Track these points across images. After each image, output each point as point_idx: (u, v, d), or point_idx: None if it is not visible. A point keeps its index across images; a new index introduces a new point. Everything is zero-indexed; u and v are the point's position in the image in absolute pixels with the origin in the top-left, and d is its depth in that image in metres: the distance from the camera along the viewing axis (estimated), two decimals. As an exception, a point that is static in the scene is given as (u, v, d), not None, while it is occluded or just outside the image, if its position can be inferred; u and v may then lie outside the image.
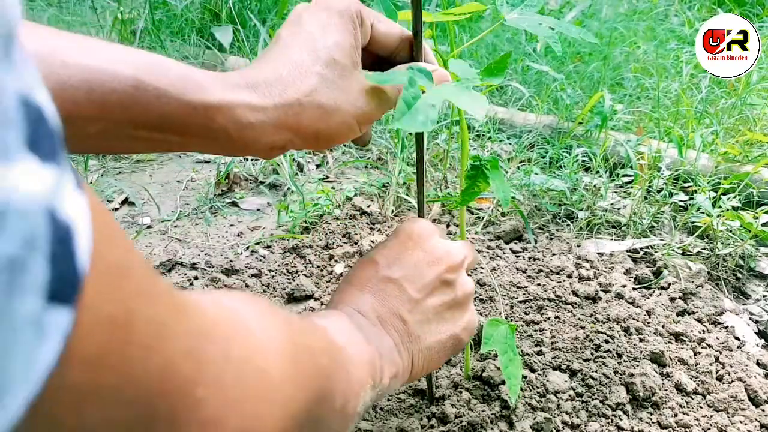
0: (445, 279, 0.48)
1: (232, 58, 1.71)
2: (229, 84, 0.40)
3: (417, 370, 0.47)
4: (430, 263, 0.48)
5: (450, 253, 0.49)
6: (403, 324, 0.46)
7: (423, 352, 0.47)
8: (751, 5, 2.05)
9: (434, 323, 0.48)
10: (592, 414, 0.65)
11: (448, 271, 0.49)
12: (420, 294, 0.47)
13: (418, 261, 0.48)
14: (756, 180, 1.07)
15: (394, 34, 0.46)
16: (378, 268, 0.48)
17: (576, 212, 1.05)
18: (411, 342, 0.46)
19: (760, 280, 0.94)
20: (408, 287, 0.47)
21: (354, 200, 1.09)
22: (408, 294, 0.47)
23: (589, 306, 0.82)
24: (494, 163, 0.52)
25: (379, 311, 0.46)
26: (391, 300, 0.46)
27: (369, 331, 0.44)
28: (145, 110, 0.37)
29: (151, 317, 0.18)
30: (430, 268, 0.48)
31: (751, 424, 0.66)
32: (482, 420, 0.63)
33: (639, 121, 1.36)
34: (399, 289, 0.47)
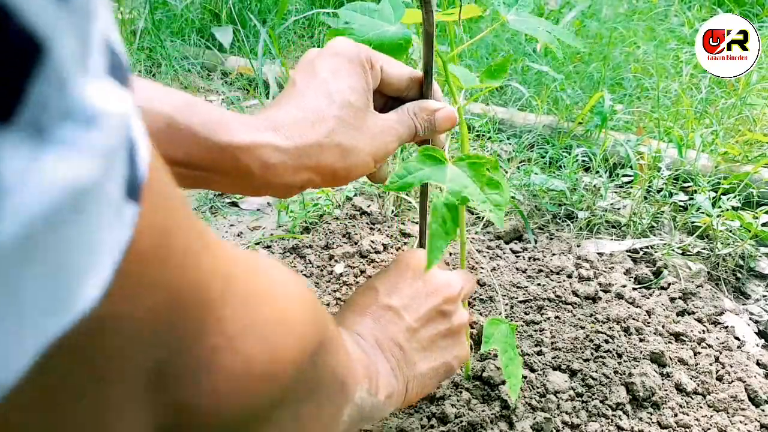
0: (441, 310, 0.51)
1: (232, 58, 1.71)
2: (253, 126, 0.43)
3: (411, 396, 0.49)
4: (428, 294, 0.50)
5: (448, 285, 0.52)
6: (400, 350, 0.48)
7: (418, 378, 0.49)
8: (751, 5, 2.05)
9: (429, 351, 0.50)
10: (592, 414, 0.65)
11: (446, 303, 0.51)
12: (418, 323, 0.49)
13: (417, 291, 0.50)
14: (756, 180, 1.07)
15: (404, 76, 0.49)
16: (378, 295, 0.50)
17: (576, 212, 1.05)
18: (407, 368, 0.48)
19: (760, 280, 0.94)
20: (406, 316, 0.49)
21: (354, 200, 1.09)
22: (406, 322, 0.49)
23: (589, 306, 0.83)
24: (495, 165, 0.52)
25: (378, 336, 0.47)
26: (390, 327, 0.48)
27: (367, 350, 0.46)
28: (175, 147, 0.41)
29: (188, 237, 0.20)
30: (428, 299, 0.50)
31: (751, 424, 0.66)
32: (482, 420, 0.63)
33: (639, 121, 1.36)
34: (398, 318, 0.49)
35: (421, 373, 0.49)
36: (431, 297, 0.51)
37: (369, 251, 0.92)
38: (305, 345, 0.29)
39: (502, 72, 0.53)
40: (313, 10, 1.84)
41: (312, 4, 1.99)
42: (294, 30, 1.86)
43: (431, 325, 0.50)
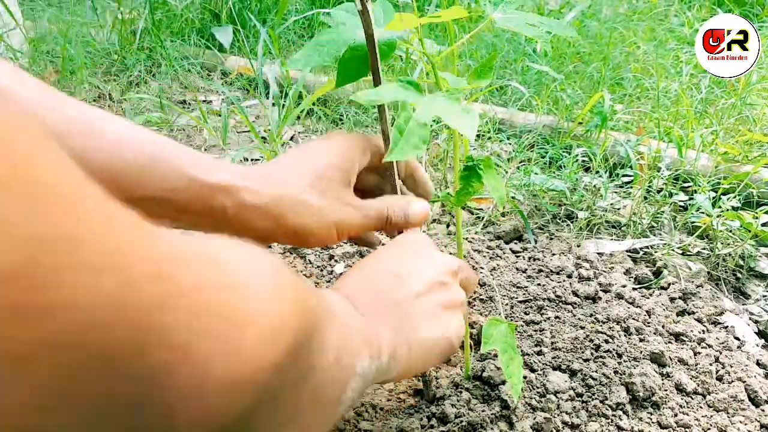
0: (443, 280, 0.51)
1: (231, 58, 1.71)
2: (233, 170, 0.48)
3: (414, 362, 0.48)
4: (430, 265, 0.51)
5: (447, 260, 0.53)
6: (404, 314, 0.48)
7: (420, 344, 0.48)
8: (751, 5, 2.05)
9: (432, 319, 0.50)
10: (592, 414, 0.65)
11: (446, 274, 0.52)
12: (422, 288, 0.49)
13: (420, 262, 0.51)
14: (756, 180, 1.07)
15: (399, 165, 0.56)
16: (381, 262, 0.51)
17: (576, 212, 1.05)
18: (410, 331, 0.48)
19: (760, 280, 0.94)
20: (411, 282, 0.49)
21: (354, 200, 1.09)
22: (411, 287, 0.49)
23: (589, 306, 0.83)
24: (488, 163, 0.52)
25: (384, 298, 0.47)
26: (395, 291, 0.48)
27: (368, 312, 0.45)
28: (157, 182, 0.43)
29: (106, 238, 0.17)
30: (430, 269, 0.51)
31: (751, 424, 0.66)
32: (482, 420, 0.63)
33: (639, 121, 1.36)
34: (402, 283, 0.49)
35: (423, 339, 0.48)
36: (433, 267, 0.51)
37: (368, 251, 0.92)
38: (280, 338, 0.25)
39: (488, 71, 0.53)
40: (313, 10, 1.84)
41: (312, 4, 1.99)
42: (294, 30, 1.86)
43: (433, 294, 0.50)
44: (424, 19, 0.48)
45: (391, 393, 0.68)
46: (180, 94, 1.59)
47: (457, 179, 0.55)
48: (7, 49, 1.46)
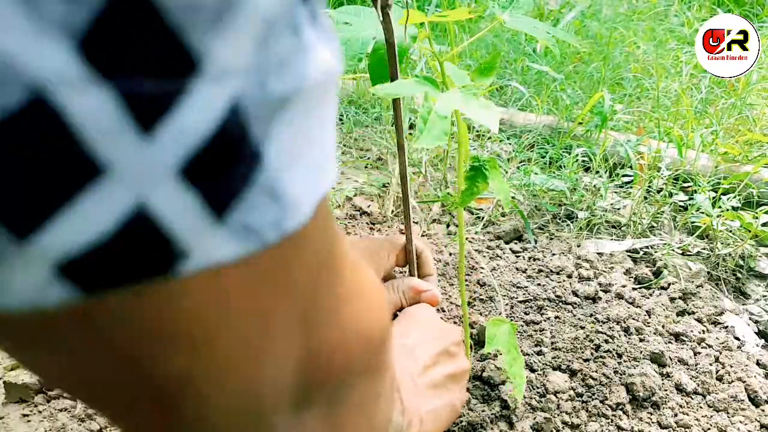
0: (449, 350, 0.54)
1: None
2: None
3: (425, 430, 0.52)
4: (436, 337, 0.54)
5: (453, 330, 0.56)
6: (414, 385, 0.50)
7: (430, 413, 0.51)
8: (751, 5, 2.05)
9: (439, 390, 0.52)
10: (592, 414, 0.65)
11: (452, 345, 0.54)
12: (430, 360, 0.52)
13: (427, 334, 0.54)
14: (756, 180, 1.07)
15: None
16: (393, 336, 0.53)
17: (576, 212, 1.05)
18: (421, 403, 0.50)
19: (759, 280, 0.94)
20: (420, 354, 0.52)
21: (354, 200, 1.09)
22: (419, 359, 0.52)
23: (589, 306, 0.82)
24: (493, 163, 0.52)
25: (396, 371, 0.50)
26: (405, 363, 0.51)
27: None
28: None
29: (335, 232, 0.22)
30: (437, 341, 0.54)
31: (751, 424, 0.66)
32: (482, 420, 0.63)
33: (639, 121, 1.36)
34: (412, 355, 0.52)
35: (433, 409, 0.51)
36: (440, 339, 0.54)
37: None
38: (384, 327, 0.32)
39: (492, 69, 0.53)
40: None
41: (312, 4, 1.99)
42: (294, 30, 1.85)
43: (440, 365, 0.53)
44: (433, 17, 0.48)
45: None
46: (180, 94, 1.59)
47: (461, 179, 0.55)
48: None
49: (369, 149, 1.31)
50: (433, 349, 0.53)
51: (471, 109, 0.44)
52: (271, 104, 0.14)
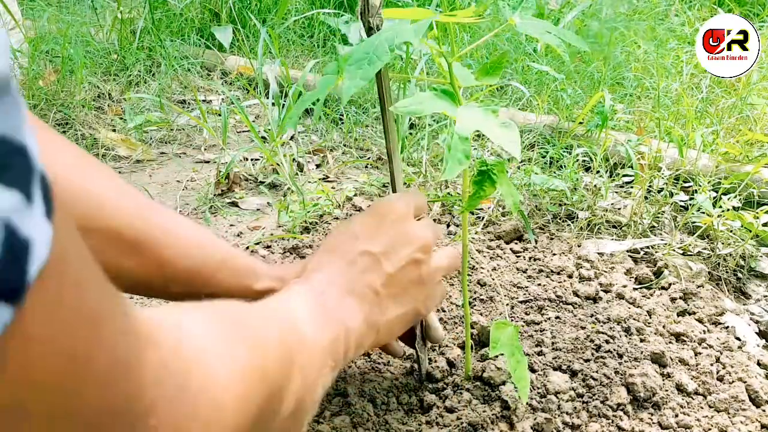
0: (415, 258, 0.54)
1: (231, 58, 1.71)
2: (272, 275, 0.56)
3: (380, 338, 0.52)
4: (404, 243, 0.53)
5: (423, 234, 0.55)
6: (375, 296, 0.51)
7: (388, 323, 0.52)
8: (752, 5, 2.05)
9: (401, 297, 0.53)
10: (592, 414, 0.65)
11: (419, 251, 0.54)
12: (394, 269, 0.52)
13: (395, 239, 0.53)
14: (756, 180, 1.07)
15: None
16: (357, 240, 0.53)
17: (576, 212, 1.05)
18: (380, 313, 0.51)
19: (760, 280, 0.94)
20: (384, 262, 0.52)
21: (354, 200, 1.09)
22: (384, 268, 0.52)
23: (590, 306, 0.82)
24: (501, 167, 0.52)
25: (355, 282, 0.50)
26: (367, 273, 0.51)
27: (337, 304, 0.48)
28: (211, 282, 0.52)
29: (116, 353, 0.20)
30: (404, 247, 0.53)
31: (752, 425, 0.66)
32: (483, 420, 0.63)
33: (639, 120, 1.36)
34: (376, 264, 0.52)
35: (392, 317, 0.52)
36: (407, 245, 0.53)
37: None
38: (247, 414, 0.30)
39: (498, 69, 0.53)
40: (313, 10, 1.84)
41: (312, 4, 1.99)
42: (294, 30, 1.85)
43: (405, 272, 0.53)
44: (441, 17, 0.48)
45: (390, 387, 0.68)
46: (180, 94, 1.59)
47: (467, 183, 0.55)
48: (7, 48, 1.45)
49: (369, 149, 1.31)
50: (399, 257, 0.53)
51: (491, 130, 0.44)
52: None
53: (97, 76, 1.55)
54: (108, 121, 1.40)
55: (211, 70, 1.69)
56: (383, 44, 0.45)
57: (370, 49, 0.45)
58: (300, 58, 1.77)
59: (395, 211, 0.55)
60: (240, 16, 1.85)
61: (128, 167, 1.25)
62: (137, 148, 1.30)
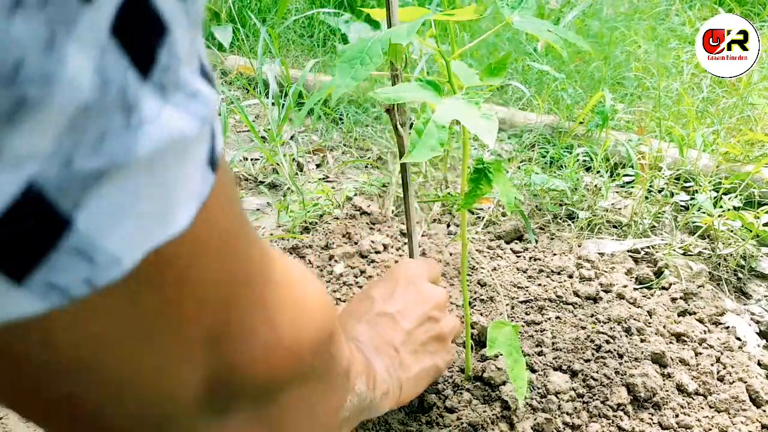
0: (431, 315, 0.55)
1: (231, 58, 1.71)
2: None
3: (404, 396, 0.53)
4: (419, 301, 0.56)
5: (436, 293, 0.57)
6: (395, 353, 0.52)
7: (411, 380, 0.53)
8: (752, 5, 2.05)
9: (421, 354, 0.55)
10: (593, 415, 0.65)
11: (435, 309, 0.56)
12: (411, 326, 0.54)
13: (410, 298, 0.56)
14: (757, 180, 1.07)
15: None
16: (374, 303, 0.55)
17: (577, 212, 1.05)
18: (401, 369, 0.52)
19: (761, 280, 0.94)
20: (401, 321, 0.54)
21: (354, 200, 1.08)
22: (401, 326, 0.53)
23: (590, 306, 0.82)
24: (498, 166, 0.52)
25: (375, 340, 0.52)
26: (387, 331, 0.53)
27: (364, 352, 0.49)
28: None
29: (242, 223, 0.24)
30: (420, 306, 0.55)
31: (752, 425, 0.66)
32: (483, 420, 0.63)
33: (640, 120, 1.36)
34: (393, 323, 0.53)
35: (414, 374, 0.53)
36: (422, 304, 0.55)
37: (369, 251, 0.92)
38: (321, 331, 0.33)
39: (502, 70, 0.53)
40: (313, 9, 1.83)
41: (312, 4, 1.99)
42: (294, 29, 1.85)
43: (423, 329, 0.54)
44: (438, 16, 0.47)
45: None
46: (180, 94, 1.58)
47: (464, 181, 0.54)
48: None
49: (369, 149, 1.31)
50: (416, 315, 0.55)
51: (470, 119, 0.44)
52: (80, 179, 0.16)
53: (97, 76, 1.54)
54: (108, 120, 1.39)
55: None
56: (377, 45, 0.45)
57: (364, 49, 0.45)
58: (300, 57, 1.77)
59: (409, 273, 0.58)
60: (240, 15, 1.85)
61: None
62: (137, 148, 1.30)
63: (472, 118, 0.44)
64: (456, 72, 0.52)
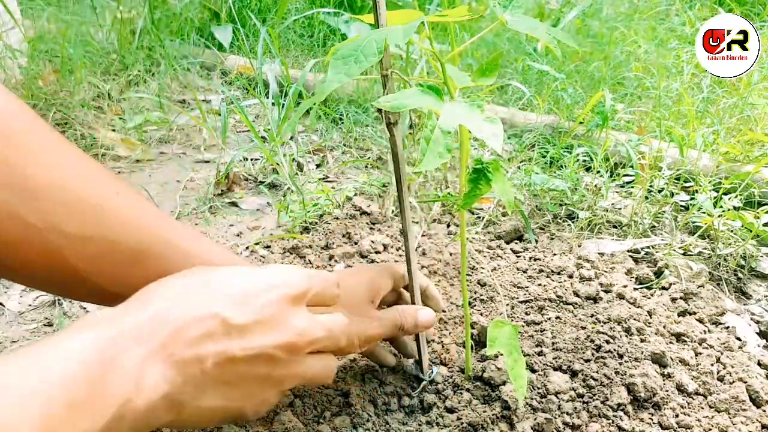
0: (272, 354, 0.43)
1: (231, 58, 1.71)
2: None
3: (180, 422, 0.41)
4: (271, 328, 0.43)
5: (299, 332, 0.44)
6: (200, 374, 0.40)
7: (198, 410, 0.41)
8: (752, 5, 2.05)
9: (231, 389, 0.42)
10: (593, 415, 0.65)
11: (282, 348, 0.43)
12: (242, 353, 0.41)
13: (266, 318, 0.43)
14: (757, 180, 1.07)
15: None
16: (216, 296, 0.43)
17: (577, 212, 1.05)
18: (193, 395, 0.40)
19: (761, 280, 0.94)
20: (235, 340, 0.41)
21: (354, 200, 1.08)
22: (229, 347, 0.41)
23: (590, 306, 0.82)
24: (496, 166, 0.52)
25: (182, 346, 0.40)
26: (207, 343, 0.40)
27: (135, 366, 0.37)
28: None
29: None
30: (268, 334, 0.43)
31: (752, 425, 0.65)
32: (483, 420, 0.63)
33: (640, 120, 1.36)
34: (223, 336, 0.41)
35: (203, 408, 0.41)
36: (273, 333, 0.42)
37: (369, 251, 0.92)
38: None
39: (494, 70, 0.53)
40: (313, 9, 1.84)
41: (312, 4, 1.99)
42: (294, 29, 1.85)
43: (252, 364, 0.42)
44: (432, 17, 0.47)
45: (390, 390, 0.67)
46: (179, 94, 1.58)
47: (463, 181, 0.54)
48: (6, 48, 1.45)
49: (369, 149, 1.31)
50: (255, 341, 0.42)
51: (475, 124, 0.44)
52: None
53: (97, 76, 1.54)
54: (107, 120, 1.39)
55: (211, 70, 1.69)
56: (372, 44, 0.45)
57: (359, 47, 0.45)
58: (300, 57, 1.77)
59: (293, 286, 0.45)
60: (240, 15, 1.85)
61: (128, 167, 1.25)
62: (137, 148, 1.30)
63: (476, 122, 0.44)
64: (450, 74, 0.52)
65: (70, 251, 0.45)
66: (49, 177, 0.44)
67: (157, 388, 0.38)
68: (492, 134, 0.42)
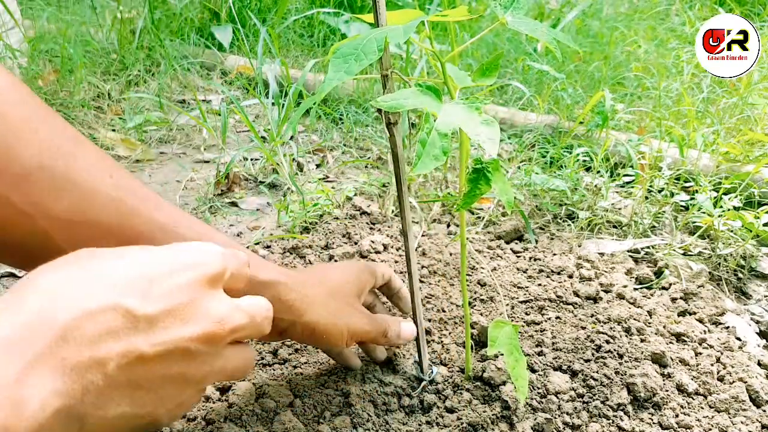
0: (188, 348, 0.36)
1: (231, 58, 1.71)
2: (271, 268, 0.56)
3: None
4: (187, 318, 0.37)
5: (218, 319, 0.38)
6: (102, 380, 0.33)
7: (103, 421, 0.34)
8: (752, 5, 2.05)
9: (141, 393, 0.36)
10: (593, 415, 0.65)
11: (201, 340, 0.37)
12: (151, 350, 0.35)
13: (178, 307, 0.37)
14: (757, 180, 1.07)
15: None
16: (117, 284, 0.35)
17: (577, 212, 1.05)
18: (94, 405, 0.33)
19: (761, 280, 0.94)
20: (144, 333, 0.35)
21: (354, 200, 1.08)
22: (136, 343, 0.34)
23: (590, 306, 0.82)
24: (495, 166, 0.52)
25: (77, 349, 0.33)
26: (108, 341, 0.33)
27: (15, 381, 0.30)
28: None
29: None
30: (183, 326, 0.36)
31: (752, 425, 0.65)
32: (483, 420, 0.63)
33: (640, 120, 1.36)
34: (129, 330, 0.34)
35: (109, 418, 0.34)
36: (189, 324, 0.36)
37: (369, 251, 0.92)
38: None
39: (494, 70, 0.53)
40: (313, 9, 1.83)
41: (312, 4, 1.99)
42: (294, 29, 1.85)
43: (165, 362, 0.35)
44: (432, 17, 0.47)
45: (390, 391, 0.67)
46: (179, 94, 1.58)
47: (463, 181, 0.54)
48: (6, 48, 1.45)
49: (369, 149, 1.31)
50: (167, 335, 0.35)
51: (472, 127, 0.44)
52: None
53: (97, 76, 1.54)
54: (107, 120, 1.39)
55: (211, 70, 1.69)
56: (372, 42, 0.45)
57: (359, 46, 0.45)
58: (300, 57, 1.77)
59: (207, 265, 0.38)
60: (240, 15, 1.85)
61: (128, 167, 1.25)
62: (137, 148, 1.30)
63: (473, 125, 0.44)
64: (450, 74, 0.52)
65: (59, 234, 0.43)
66: (39, 158, 0.42)
67: (45, 406, 0.30)
68: (488, 138, 0.42)
